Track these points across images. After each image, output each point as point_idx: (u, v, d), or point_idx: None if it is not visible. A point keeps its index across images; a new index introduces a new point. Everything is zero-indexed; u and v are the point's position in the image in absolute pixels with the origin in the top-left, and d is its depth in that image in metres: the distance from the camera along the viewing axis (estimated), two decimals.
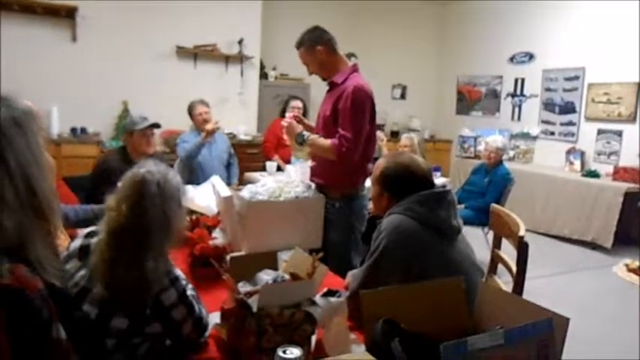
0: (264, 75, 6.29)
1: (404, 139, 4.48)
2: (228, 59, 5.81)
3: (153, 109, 4.47)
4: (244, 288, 1.38)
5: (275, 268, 1.66)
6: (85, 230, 1.36)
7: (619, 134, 5.58)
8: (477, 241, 3.31)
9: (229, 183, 3.83)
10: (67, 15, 4.94)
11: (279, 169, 4.20)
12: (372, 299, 1.24)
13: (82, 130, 5.06)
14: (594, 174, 5.44)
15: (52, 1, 4.84)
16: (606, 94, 5.69)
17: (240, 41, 5.76)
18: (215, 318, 1.41)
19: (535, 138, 6.57)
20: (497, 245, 2.30)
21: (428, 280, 1.34)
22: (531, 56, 6.64)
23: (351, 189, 2.41)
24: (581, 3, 5.93)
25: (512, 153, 6.64)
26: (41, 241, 0.94)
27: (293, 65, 2.92)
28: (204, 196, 2.46)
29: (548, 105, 6.43)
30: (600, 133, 5.77)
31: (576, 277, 4.37)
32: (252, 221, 2.03)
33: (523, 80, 6.78)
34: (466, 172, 5.70)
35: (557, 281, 4.17)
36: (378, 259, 1.61)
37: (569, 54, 6.08)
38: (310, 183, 2.32)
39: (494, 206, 2.43)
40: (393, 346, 1.13)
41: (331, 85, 2.45)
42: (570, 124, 6.13)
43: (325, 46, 2.39)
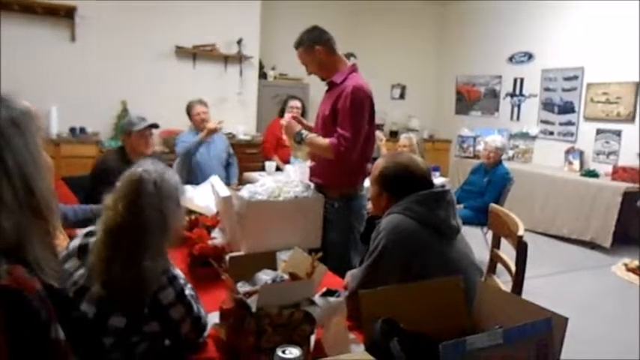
0: (263, 75, 6.29)
1: (403, 139, 4.49)
2: (227, 59, 5.81)
3: (152, 109, 4.48)
4: (243, 288, 1.38)
5: (274, 268, 1.66)
6: (85, 229, 1.36)
7: (618, 134, 5.59)
8: (476, 241, 3.31)
9: (229, 183, 3.83)
10: (66, 15, 4.94)
11: (278, 169, 4.20)
12: (371, 299, 1.24)
13: (81, 130, 5.06)
14: (593, 174, 5.45)
15: (52, 1, 4.84)
16: (605, 93, 5.70)
17: (239, 41, 5.76)
18: (214, 318, 1.40)
19: (534, 138, 6.57)
20: (496, 245, 2.31)
21: (427, 280, 1.34)
22: (530, 56, 6.65)
23: (350, 189, 2.41)
24: (580, 3, 5.93)
25: (511, 153, 6.64)
26: (39, 242, 0.93)
27: (292, 65, 2.92)
28: (203, 196, 2.46)
29: (547, 105, 6.43)
30: (599, 132, 5.78)
31: (575, 276, 4.37)
32: (252, 221, 2.03)
33: (522, 80, 6.78)
34: (465, 171, 5.70)
35: (556, 281, 4.17)
36: (377, 258, 1.61)
37: (568, 54, 6.08)
38: (309, 183, 2.32)
39: (493, 206, 2.43)
40: (392, 346, 1.13)
41: (330, 85, 2.45)
42: (569, 123, 6.13)
43: (324, 46, 2.39)
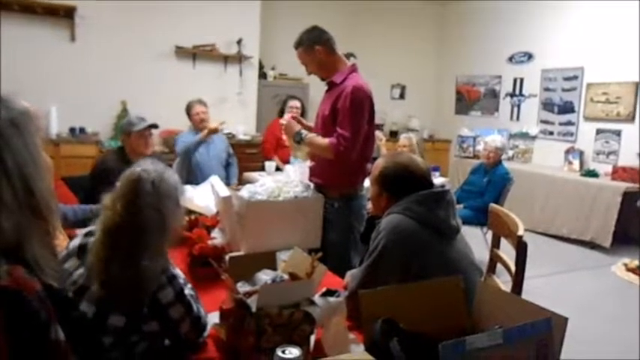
0: (263, 75, 6.29)
1: (402, 139, 4.48)
2: (227, 59, 5.81)
3: (152, 109, 4.48)
4: (243, 288, 1.38)
5: (274, 268, 1.66)
6: (85, 229, 1.37)
7: (618, 134, 5.59)
8: (475, 241, 3.31)
9: (228, 183, 3.83)
10: (65, 15, 4.94)
11: (277, 169, 4.20)
12: (370, 299, 1.24)
13: (81, 130, 5.06)
14: (593, 173, 5.45)
15: (51, 1, 4.84)
16: (605, 93, 5.70)
17: (239, 41, 5.76)
18: (214, 318, 1.40)
19: (534, 138, 6.57)
20: (496, 245, 2.31)
21: (427, 280, 1.34)
22: (530, 56, 6.65)
23: (350, 189, 2.41)
24: (580, 3, 5.93)
25: (511, 153, 6.64)
26: (39, 242, 0.93)
27: (292, 65, 2.92)
28: (203, 196, 2.46)
29: (547, 105, 6.43)
30: (599, 132, 5.78)
31: (575, 276, 4.37)
32: (251, 221, 2.03)
33: (522, 80, 6.78)
34: (465, 171, 5.70)
35: (555, 281, 4.17)
36: (377, 258, 1.61)
37: (567, 54, 6.08)
38: (309, 183, 2.32)
39: (492, 206, 2.43)
40: (391, 346, 1.13)
41: (330, 85, 2.45)
42: (569, 123, 6.13)
43: (324, 46, 2.39)
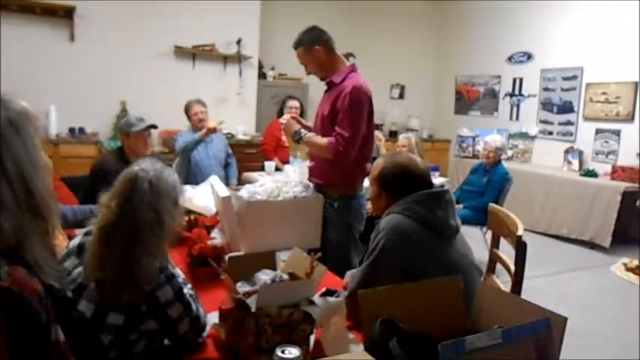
0: (262, 75, 6.29)
1: (401, 139, 4.48)
2: (226, 59, 5.81)
3: (151, 109, 4.49)
4: (243, 288, 1.38)
5: (273, 268, 1.67)
6: (85, 229, 1.37)
7: (617, 134, 5.59)
8: (475, 241, 3.32)
9: (228, 183, 3.83)
10: (65, 15, 4.93)
11: (277, 169, 4.20)
12: (370, 299, 1.24)
13: (80, 130, 5.06)
14: (592, 173, 5.45)
15: (51, 1, 4.83)
16: (604, 93, 5.70)
17: (239, 41, 5.75)
18: (213, 318, 1.40)
19: (533, 137, 6.57)
20: (495, 245, 2.31)
21: (426, 280, 1.34)
22: (529, 56, 6.65)
23: (350, 189, 2.41)
24: (580, 3, 5.93)
25: (510, 152, 6.64)
26: (39, 242, 0.93)
27: (291, 65, 2.92)
28: (202, 196, 2.46)
29: (546, 104, 6.43)
30: (598, 132, 5.78)
31: (575, 276, 4.37)
32: (251, 221, 2.03)
33: (521, 80, 6.79)
34: (464, 171, 5.70)
35: (555, 281, 4.18)
36: (376, 258, 1.61)
37: (567, 54, 6.09)
38: (309, 183, 2.32)
39: (492, 206, 2.44)
40: (391, 346, 1.13)
41: (329, 85, 2.45)
42: (568, 123, 6.13)
43: (323, 46, 2.39)
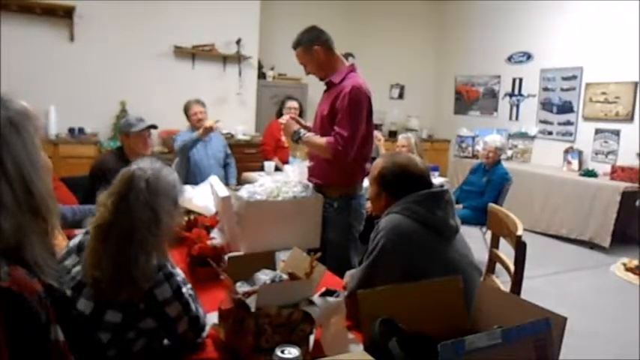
0: (262, 75, 6.29)
1: (401, 139, 4.47)
2: (226, 59, 5.81)
3: (151, 109, 4.49)
4: (242, 288, 1.38)
5: (273, 268, 1.67)
6: (86, 228, 1.37)
7: (616, 134, 5.59)
8: (475, 241, 3.32)
9: (227, 183, 3.83)
10: (64, 15, 4.93)
11: (277, 169, 4.20)
12: (369, 299, 1.24)
13: (80, 131, 5.06)
14: (592, 173, 5.45)
15: (50, 1, 4.83)
16: (604, 93, 5.70)
17: (238, 41, 5.75)
18: (213, 318, 1.40)
19: (533, 137, 6.57)
20: (495, 245, 2.31)
21: (426, 280, 1.34)
22: (529, 56, 6.65)
23: (349, 189, 2.41)
24: (579, 3, 5.94)
25: (510, 152, 6.64)
26: (39, 242, 0.93)
27: (291, 65, 2.92)
28: (202, 196, 2.46)
29: (545, 104, 6.43)
30: (598, 132, 5.78)
31: (574, 276, 4.37)
32: (251, 221, 2.03)
33: (521, 80, 6.79)
34: (464, 171, 5.70)
35: (555, 281, 4.18)
36: (376, 258, 1.61)
37: (566, 54, 6.09)
38: (308, 183, 2.31)
39: (491, 206, 2.44)
40: (390, 346, 1.13)
41: (329, 85, 2.45)
42: (568, 123, 6.14)
43: (322, 46, 2.39)
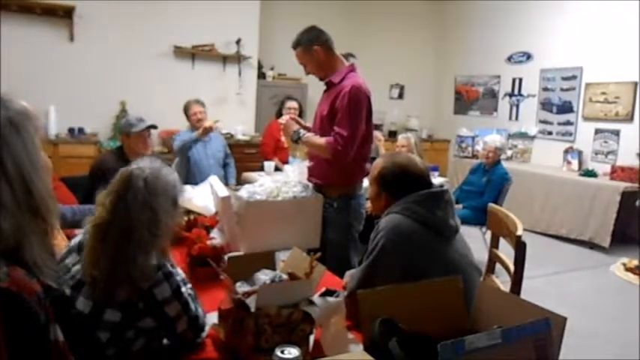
0: (262, 75, 6.29)
1: (401, 139, 4.47)
2: (225, 59, 5.81)
3: (151, 109, 4.49)
4: (242, 288, 1.38)
5: (273, 268, 1.66)
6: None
7: (616, 134, 5.59)
8: (475, 241, 3.32)
9: (227, 183, 3.83)
10: (64, 15, 4.93)
11: (277, 169, 4.20)
12: (369, 299, 1.24)
13: (80, 130, 5.06)
14: (592, 173, 5.46)
15: (50, 1, 4.83)
16: (604, 93, 5.71)
17: (238, 41, 5.75)
18: (213, 318, 1.40)
19: (533, 137, 6.58)
20: (495, 245, 2.31)
21: (426, 280, 1.34)
22: (529, 56, 6.65)
23: (349, 189, 2.41)
24: (579, 3, 5.94)
25: (510, 152, 6.64)
26: (38, 243, 0.93)
27: (291, 65, 2.92)
28: (202, 196, 2.46)
29: (545, 105, 6.44)
30: (598, 132, 5.78)
31: (574, 276, 4.37)
32: (250, 221, 2.03)
33: (521, 80, 6.79)
34: (464, 171, 5.70)
35: (554, 281, 4.18)
36: (376, 258, 1.61)
37: (566, 54, 6.09)
38: (308, 183, 2.31)
39: (491, 206, 2.44)
40: (390, 346, 1.13)
41: (328, 85, 2.45)
42: (568, 123, 6.14)
43: (322, 46, 2.39)
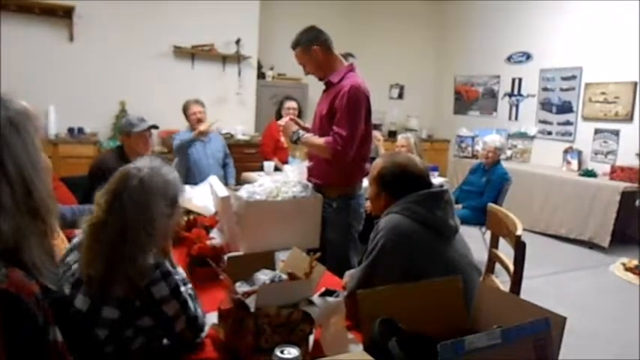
0: (261, 75, 6.29)
1: (400, 139, 4.47)
2: (225, 59, 5.81)
3: (150, 109, 4.48)
4: (242, 288, 1.38)
5: (273, 268, 1.67)
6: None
7: (616, 134, 5.60)
8: (474, 241, 3.32)
9: (226, 183, 3.83)
10: (64, 15, 4.93)
11: (276, 169, 4.20)
12: (369, 299, 1.24)
13: (80, 130, 5.05)
14: (591, 173, 5.46)
15: (50, 1, 4.83)
16: (603, 93, 5.71)
17: (238, 41, 5.75)
18: (213, 318, 1.40)
19: (532, 137, 6.58)
20: (494, 245, 2.31)
21: (425, 280, 1.34)
22: (528, 56, 6.65)
23: (348, 189, 2.41)
24: (579, 3, 5.94)
25: (509, 152, 6.64)
26: (37, 244, 0.93)
27: (290, 65, 2.92)
28: (201, 196, 2.46)
29: (545, 104, 6.44)
30: (597, 132, 5.78)
31: (574, 276, 4.38)
32: (250, 221, 2.03)
33: (520, 80, 6.79)
34: (464, 171, 5.70)
35: (554, 280, 4.18)
36: (375, 258, 1.61)
37: (566, 54, 6.09)
38: (308, 183, 2.31)
39: (491, 206, 2.44)
40: (390, 346, 1.13)
41: (328, 85, 2.45)
42: (567, 123, 6.14)
43: (321, 46, 2.39)
